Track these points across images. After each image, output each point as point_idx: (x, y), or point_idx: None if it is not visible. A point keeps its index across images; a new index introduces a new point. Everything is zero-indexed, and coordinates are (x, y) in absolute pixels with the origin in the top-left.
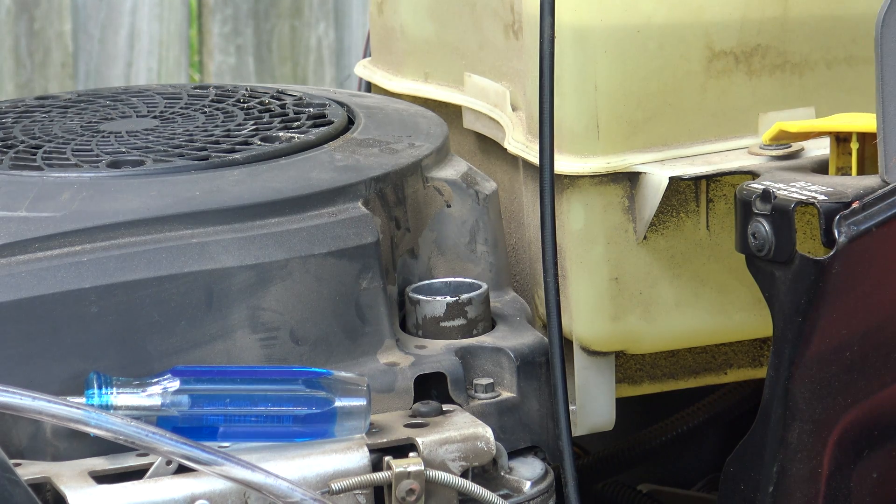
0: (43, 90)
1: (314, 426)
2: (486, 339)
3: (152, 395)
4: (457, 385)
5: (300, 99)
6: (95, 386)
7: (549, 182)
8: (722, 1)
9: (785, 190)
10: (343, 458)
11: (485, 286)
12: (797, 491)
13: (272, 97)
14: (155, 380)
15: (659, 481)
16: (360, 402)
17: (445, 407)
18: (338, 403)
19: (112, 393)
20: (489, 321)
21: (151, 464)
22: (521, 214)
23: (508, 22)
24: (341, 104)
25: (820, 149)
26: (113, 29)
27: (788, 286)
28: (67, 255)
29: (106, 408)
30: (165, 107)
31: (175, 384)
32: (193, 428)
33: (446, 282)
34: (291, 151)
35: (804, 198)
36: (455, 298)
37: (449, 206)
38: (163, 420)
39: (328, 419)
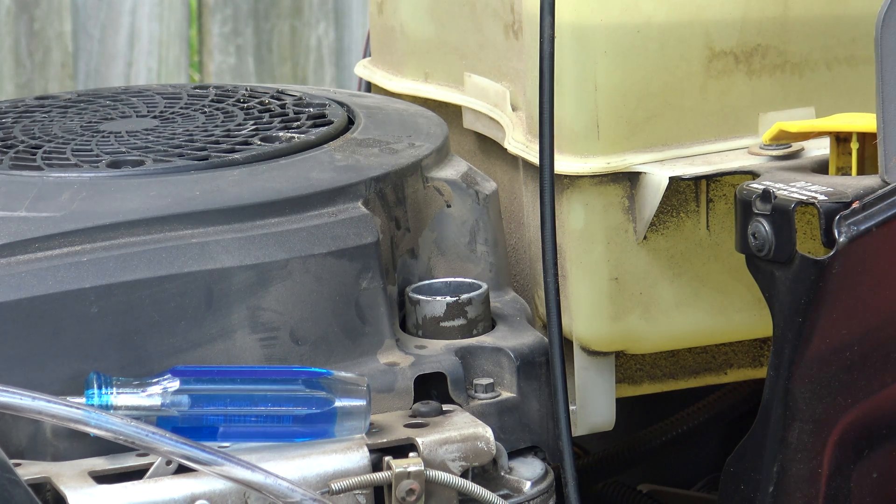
0: (43, 90)
1: (314, 426)
2: (486, 339)
3: (152, 395)
4: (457, 385)
5: (300, 99)
6: (95, 386)
7: (549, 182)
8: (722, 1)
9: (785, 190)
10: (343, 458)
11: (485, 286)
12: (797, 491)
13: (272, 97)
14: (155, 380)
15: (659, 481)
16: (360, 402)
17: (445, 407)
18: (338, 403)
19: (112, 393)
20: (489, 321)
21: (151, 464)
22: (521, 214)
23: (508, 22)
24: (341, 104)
25: (820, 149)
26: (113, 29)
27: (788, 286)
28: (67, 255)
29: (106, 408)
30: (165, 107)
31: (175, 384)
32: (193, 428)
33: (446, 282)
34: (291, 151)
35: (804, 198)
36: (455, 298)
37: (449, 206)
38: (163, 420)
39: (328, 419)
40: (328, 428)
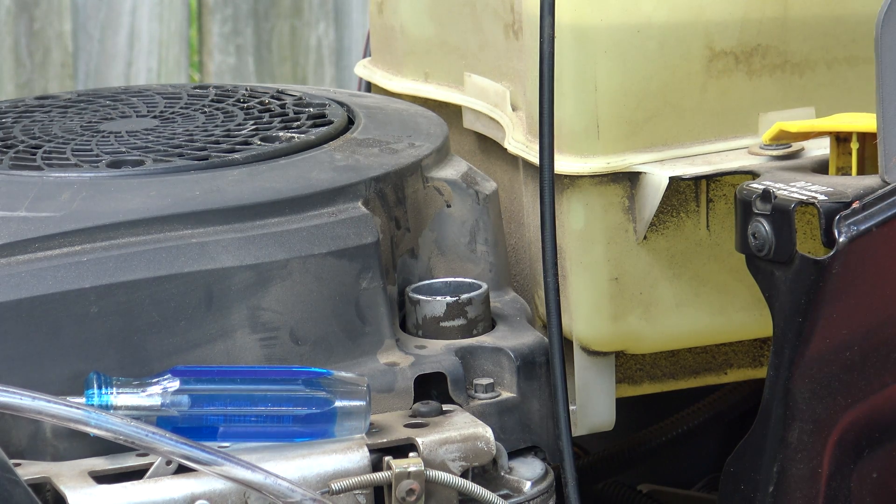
0: (43, 90)
1: (314, 426)
2: (486, 339)
3: (152, 396)
4: (457, 385)
5: (300, 99)
6: (95, 386)
7: (549, 182)
8: (722, 1)
9: (785, 190)
10: (343, 458)
11: (485, 286)
12: (797, 491)
13: (272, 97)
14: (155, 380)
15: (659, 481)
16: (360, 402)
17: (445, 407)
18: (338, 404)
19: (112, 393)
20: (489, 321)
21: (151, 464)
22: (521, 214)
23: (508, 22)
24: (341, 104)
25: (820, 149)
26: (113, 29)
27: (788, 286)
28: (67, 255)
29: (106, 408)
30: (165, 107)
31: (175, 384)
32: (193, 428)
33: (446, 282)
34: (291, 151)
35: (804, 198)
36: (455, 298)
37: (449, 206)
38: (163, 420)
39: (328, 419)
40: (328, 428)
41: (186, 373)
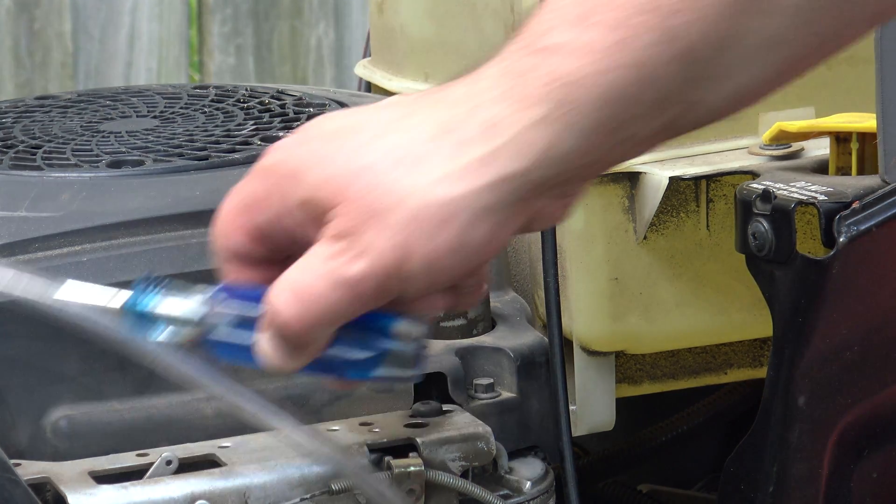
0: (43, 90)
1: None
2: (486, 339)
3: (194, 308)
4: (457, 385)
5: (300, 99)
6: (142, 288)
7: None
8: None
9: (785, 190)
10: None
11: (485, 286)
12: (797, 491)
13: (272, 97)
14: (201, 296)
15: (659, 481)
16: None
17: (445, 407)
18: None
19: (156, 299)
20: (489, 321)
21: (152, 463)
22: None
23: (509, 22)
24: (341, 104)
25: (820, 149)
26: (113, 29)
27: (788, 286)
28: (67, 255)
29: (145, 316)
30: (165, 107)
31: (221, 299)
32: (235, 345)
33: None
34: None
35: (804, 198)
36: None
37: None
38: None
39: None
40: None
41: (233, 291)
